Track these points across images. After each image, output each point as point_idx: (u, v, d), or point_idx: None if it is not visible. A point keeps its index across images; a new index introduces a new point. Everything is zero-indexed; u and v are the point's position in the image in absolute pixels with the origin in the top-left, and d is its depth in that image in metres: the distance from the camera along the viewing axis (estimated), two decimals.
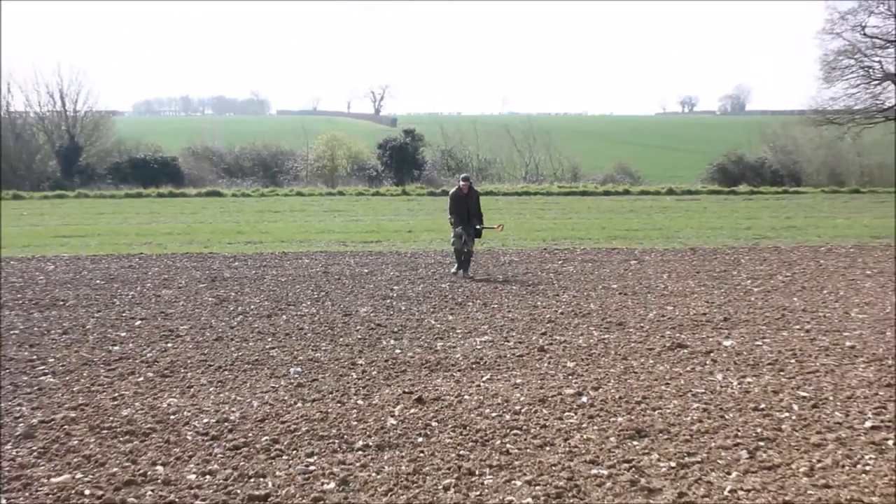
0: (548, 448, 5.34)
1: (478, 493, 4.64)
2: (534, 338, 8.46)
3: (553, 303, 10.37)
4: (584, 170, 39.36)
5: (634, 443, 5.43)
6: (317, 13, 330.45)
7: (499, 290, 11.25)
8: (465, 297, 10.75)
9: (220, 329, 8.90)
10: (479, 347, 8.08)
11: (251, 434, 5.60)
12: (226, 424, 5.79)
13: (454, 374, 7.13)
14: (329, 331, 8.82)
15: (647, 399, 6.36)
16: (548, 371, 7.21)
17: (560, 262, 13.83)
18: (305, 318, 9.44)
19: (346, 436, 5.57)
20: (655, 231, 18.45)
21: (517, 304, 10.25)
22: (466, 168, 37.90)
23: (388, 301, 10.50)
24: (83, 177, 35.19)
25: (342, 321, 9.29)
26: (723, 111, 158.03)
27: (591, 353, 7.82)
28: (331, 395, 6.50)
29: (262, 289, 11.38)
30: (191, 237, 17.45)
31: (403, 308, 10.06)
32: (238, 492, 4.66)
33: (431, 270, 13.04)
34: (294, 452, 5.28)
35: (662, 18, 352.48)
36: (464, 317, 9.54)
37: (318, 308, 10.06)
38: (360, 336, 8.56)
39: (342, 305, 10.21)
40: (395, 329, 8.89)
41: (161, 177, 34.02)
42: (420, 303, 10.40)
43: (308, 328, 8.93)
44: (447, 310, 9.97)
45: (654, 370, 7.22)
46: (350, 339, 8.41)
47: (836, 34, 32.72)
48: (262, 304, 10.26)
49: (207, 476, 4.90)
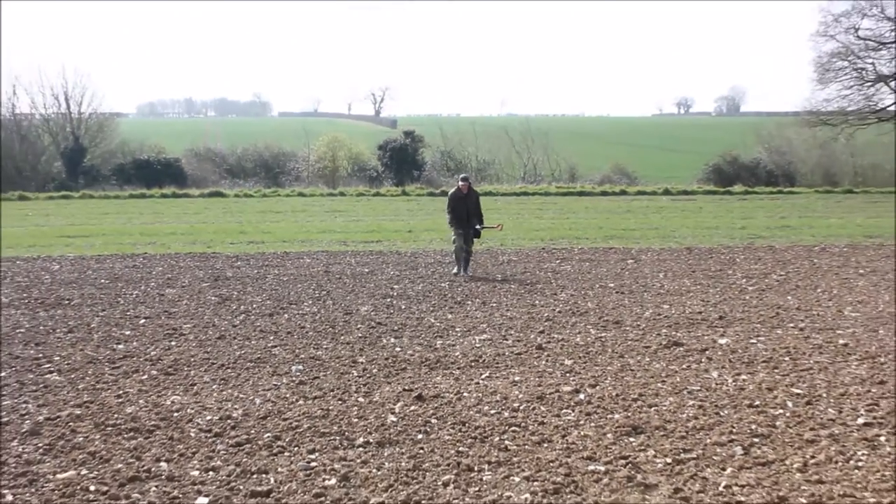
0: (546, 444, 5.35)
1: (477, 489, 4.65)
2: (532, 336, 8.46)
3: (551, 302, 10.37)
4: (582, 170, 39.38)
5: (631, 439, 5.44)
6: (317, 15, 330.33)
7: (497, 289, 11.25)
8: (465, 296, 10.75)
9: (223, 327, 8.91)
10: (478, 346, 8.08)
11: (253, 431, 5.61)
12: (228, 421, 5.80)
13: (453, 372, 7.13)
14: (330, 329, 8.82)
15: (644, 396, 6.37)
16: (546, 369, 7.21)
17: (558, 262, 13.84)
18: (307, 317, 9.44)
19: (347, 433, 5.57)
20: (652, 231, 18.45)
21: (515, 303, 10.26)
22: (465, 169, 37.87)
23: (389, 300, 10.50)
24: (88, 178, 35.20)
25: (343, 320, 9.29)
26: (718, 112, 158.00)
27: (589, 351, 7.82)
28: (332, 393, 6.50)
29: (265, 288, 11.38)
30: (194, 237, 17.45)
31: (403, 307, 10.07)
32: (241, 488, 4.67)
33: (431, 270, 13.04)
34: (296, 449, 5.28)
35: (659, 21, 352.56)
36: (463, 315, 9.54)
37: (320, 307, 10.06)
38: (361, 334, 8.57)
39: (343, 304, 10.21)
40: (396, 327, 8.90)
41: (164, 178, 34.04)
42: (420, 301, 10.40)
43: (309, 327, 8.94)
44: (446, 308, 9.97)
45: (651, 368, 7.23)
46: (351, 338, 8.41)
47: (830, 36, 32.75)
48: (265, 303, 10.26)
49: (210, 472, 4.90)
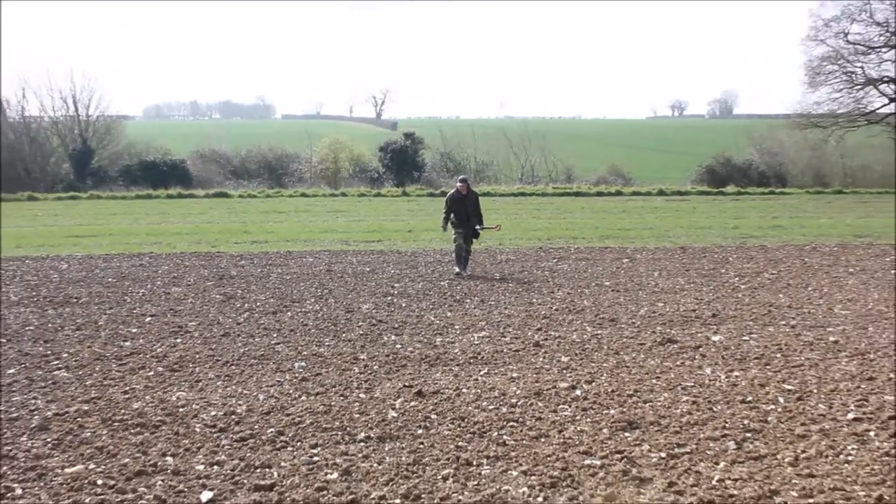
0: (543, 439, 5.35)
1: (475, 483, 4.65)
2: (529, 333, 8.47)
3: (548, 300, 10.37)
4: (578, 171, 39.36)
5: (626, 434, 5.44)
6: (319, 18, 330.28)
7: (496, 288, 11.25)
8: (464, 295, 10.75)
9: (228, 325, 8.91)
10: (477, 343, 8.09)
11: (257, 426, 5.61)
12: (233, 417, 5.80)
13: (453, 369, 7.14)
14: (332, 327, 8.82)
15: (639, 392, 6.38)
16: (543, 365, 7.22)
17: (555, 261, 13.84)
18: (309, 315, 9.44)
19: (349, 428, 5.58)
20: (647, 230, 18.45)
21: (513, 301, 10.26)
22: (465, 170, 37.84)
23: (389, 298, 10.51)
24: (95, 179, 35.20)
25: (345, 317, 9.30)
26: (711, 115, 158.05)
27: (585, 348, 7.83)
28: (334, 389, 6.51)
29: (268, 286, 11.38)
30: (199, 237, 17.44)
31: (404, 305, 10.07)
32: (245, 482, 4.67)
33: (431, 269, 13.04)
34: (298, 444, 5.29)
35: (654, 25, 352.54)
36: (462, 313, 9.55)
37: (322, 305, 10.07)
38: (362, 332, 8.57)
39: (345, 302, 10.21)
40: (396, 325, 8.90)
41: (170, 179, 34.03)
42: (420, 300, 10.41)
43: (312, 324, 8.94)
44: (446, 306, 9.97)
45: (646, 364, 7.23)
46: (352, 335, 8.41)
47: (821, 41, 32.78)
48: (268, 301, 10.26)
49: (215, 466, 4.91)
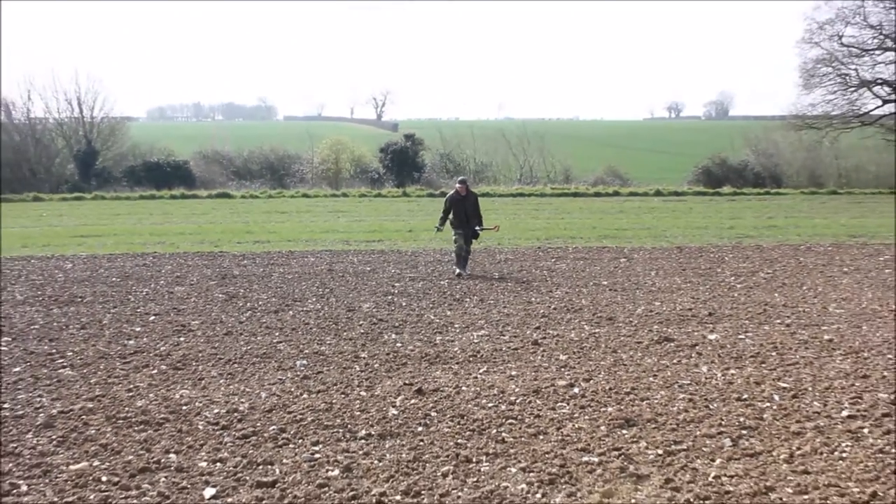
0: (541, 437, 5.35)
1: (475, 480, 4.65)
2: (528, 332, 8.46)
3: (546, 299, 10.37)
4: (576, 172, 39.33)
5: (624, 431, 5.44)
6: (320, 20, 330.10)
7: (495, 287, 11.25)
8: (463, 294, 10.75)
9: (230, 324, 8.90)
10: (476, 341, 8.08)
11: (259, 424, 5.61)
12: (235, 415, 5.80)
13: (452, 367, 7.13)
14: (333, 325, 8.81)
15: (636, 390, 6.37)
16: (541, 363, 7.22)
17: (553, 261, 13.83)
18: (311, 314, 9.43)
19: (350, 425, 5.58)
20: (644, 230, 18.44)
21: (512, 300, 10.25)
22: (464, 171, 37.84)
23: (390, 297, 10.50)
24: (100, 180, 35.16)
25: (346, 316, 9.29)
26: (707, 116, 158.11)
27: (583, 347, 7.82)
28: (335, 387, 6.50)
29: (270, 286, 11.38)
30: (202, 237, 17.43)
31: (404, 304, 10.06)
32: (247, 478, 4.67)
33: (431, 268, 13.03)
34: (300, 441, 5.28)
35: (651, 28, 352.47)
36: (461, 312, 9.54)
37: (323, 304, 10.06)
38: (363, 330, 8.57)
39: (346, 301, 10.20)
40: (396, 324, 8.89)
41: (174, 179, 33.99)
42: (420, 299, 10.40)
43: (313, 323, 8.93)
44: (446, 305, 9.97)
45: (643, 363, 7.23)
46: (353, 334, 8.41)
47: (815, 43, 32.75)
48: (270, 301, 10.26)
49: (218, 463, 4.90)
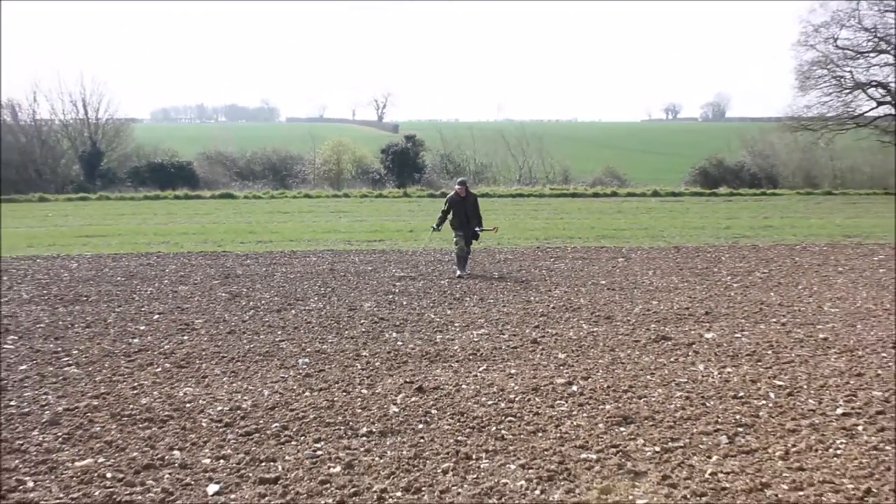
0: (540, 434, 5.35)
1: (474, 476, 4.65)
2: (527, 331, 8.46)
3: (545, 298, 10.36)
4: (575, 173, 39.30)
5: (621, 429, 5.44)
6: (322, 22, 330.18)
7: (494, 286, 11.24)
8: (463, 293, 10.74)
9: (233, 323, 8.90)
10: (476, 340, 8.08)
11: (262, 421, 5.61)
12: (238, 412, 5.80)
13: (452, 365, 7.13)
14: (335, 324, 8.81)
15: (634, 388, 6.37)
16: (540, 362, 7.21)
17: (552, 260, 13.83)
18: (313, 313, 9.43)
19: (352, 423, 5.57)
20: (641, 230, 18.44)
21: (512, 300, 10.25)
22: (464, 171, 37.79)
23: (391, 296, 10.49)
24: (105, 180, 35.14)
25: (347, 315, 9.29)
26: (704, 118, 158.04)
27: (581, 345, 7.82)
28: (337, 385, 6.50)
29: (273, 285, 11.37)
30: (205, 237, 17.43)
31: (405, 303, 10.06)
32: (250, 475, 4.67)
33: (431, 268, 13.03)
34: (302, 438, 5.28)
35: (649, 30, 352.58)
36: (461, 311, 9.54)
37: (325, 303, 10.06)
38: (365, 329, 8.56)
39: (347, 301, 10.20)
40: (397, 323, 8.89)
41: (177, 180, 33.96)
42: (420, 298, 10.40)
43: (315, 322, 8.93)
44: (446, 305, 9.96)
45: (640, 361, 7.23)
46: (355, 332, 8.41)
47: (810, 46, 32.72)
48: (273, 300, 10.25)
49: (221, 460, 4.90)
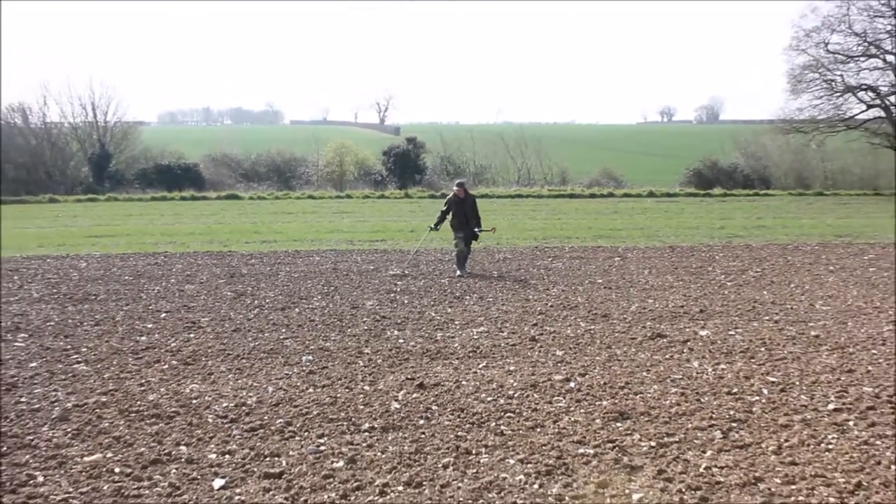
0: (538, 429, 5.35)
1: (474, 471, 4.65)
2: (526, 328, 8.46)
3: (543, 296, 10.37)
4: (572, 174, 39.29)
5: (618, 424, 5.44)
6: (324, 25, 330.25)
7: (494, 285, 11.25)
8: (463, 292, 10.75)
9: (239, 321, 8.90)
10: (476, 337, 8.08)
11: (267, 417, 5.61)
12: (243, 408, 5.80)
13: (453, 362, 7.13)
14: (338, 322, 8.81)
15: (630, 384, 6.37)
16: (539, 359, 7.22)
17: (550, 260, 13.83)
18: (316, 311, 9.44)
19: (354, 419, 5.58)
20: (637, 230, 18.43)
21: (510, 298, 10.25)
22: (464, 173, 37.82)
23: (392, 295, 10.50)
24: (113, 182, 35.16)
25: (350, 313, 9.29)
26: (699, 120, 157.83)
27: (579, 343, 7.82)
28: (339, 382, 6.50)
29: (277, 284, 11.38)
30: (211, 237, 17.43)
31: (406, 302, 10.06)
32: (255, 470, 4.67)
33: (432, 267, 13.03)
34: (306, 434, 5.29)
35: (644, 35, 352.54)
36: (461, 309, 9.54)
37: (328, 301, 10.06)
38: (367, 327, 8.57)
39: (350, 299, 10.20)
40: (399, 321, 8.89)
41: (184, 182, 33.97)
42: (421, 297, 10.40)
43: (319, 320, 8.93)
44: (446, 303, 9.97)
45: (636, 358, 7.23)
46: (357, 330, 8.41)
47: (802, 50, 32.70)
48: (277, 298, 10.26)
49: (227, 455, 4.90)
